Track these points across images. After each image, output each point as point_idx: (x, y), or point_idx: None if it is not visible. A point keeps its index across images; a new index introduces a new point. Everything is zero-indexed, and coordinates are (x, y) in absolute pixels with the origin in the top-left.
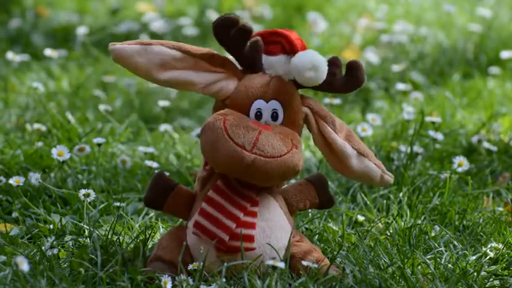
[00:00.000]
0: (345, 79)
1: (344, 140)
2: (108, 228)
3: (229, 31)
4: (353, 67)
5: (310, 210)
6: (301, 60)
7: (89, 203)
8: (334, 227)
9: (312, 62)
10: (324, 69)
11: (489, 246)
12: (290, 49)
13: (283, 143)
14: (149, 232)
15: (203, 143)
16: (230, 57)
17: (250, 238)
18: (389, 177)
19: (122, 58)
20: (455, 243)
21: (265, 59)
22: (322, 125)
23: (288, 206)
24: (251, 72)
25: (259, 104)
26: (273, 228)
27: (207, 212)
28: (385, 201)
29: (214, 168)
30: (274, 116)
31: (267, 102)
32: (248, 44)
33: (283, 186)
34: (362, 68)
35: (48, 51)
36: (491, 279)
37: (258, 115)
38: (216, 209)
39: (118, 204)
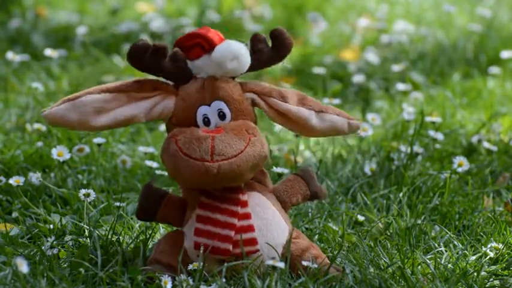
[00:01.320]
0: (273, 50)
1: (297, 105)
2: (108, 228)
3: (143, 57)
4: (276, 35)
5: (310, 210)
6: (220, 53)
7: (89, 203)
8: (334, 227)
9: (231, 53)
10: (245, 55)
11: (489, 246)
12: (209, 47)
13: (239, 137)
14: (149, 232)
15: (167, 169)
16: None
17: (254, 241)
18: (356, 122)
19: (56, 121)
20: (455, 243)
21: (192, 64)
22: (271, 101)
23: (280, 203)
24: (183, 83)
25: (203, 110)
26: (269, 226)
27: (203, 230)
28: (385, 201)
29: (188, 188)
30: (222, 115)
31: (210, 105)
32: (167, 59)
33: (274, 185)
34: (285, 33)
35: (48, 51)
36: (491, 279)
37: (206, 121)
38: (209, 224)
39: (118, 204)
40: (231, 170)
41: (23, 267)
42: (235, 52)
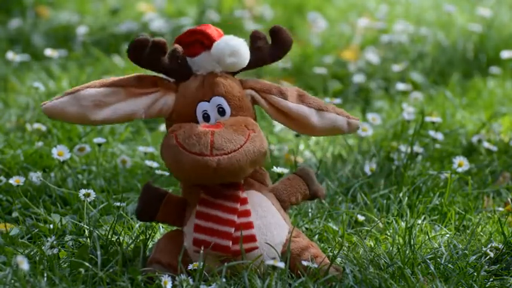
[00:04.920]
0: (273, 47)
1: (297, 102)
2: (108, 228)
3: (142, 52)
4: (276, 32)
5: (310, 210)
6: (219, 48)
7: (89, 203)
8: (334, 227)
9: (230, 48)
10: (244, 50)
11: (489, 246)
12: (209, 43)
13: (239, 133)
14: (149, 232)
15: (167, 165)
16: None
17: (252, 238)
18: (356, 120)
19: (55, 114)
20: (455, 243)
21: (191, 61)
22: (270, 98)
23: (280, 202)
24: (183, 80)
25: (202, 106)
26: (268, 225)
27: (202, 227)
28: (385, 201)
29: (187, 183)
30: (221, 111)
31: (209, 101)
32: (167, 56)
33: (273, 184)
34: (285, 30)
35: (48, 51)
36: (491, 279)
37: (206, 117)
38: (209, 221)
39: (118, 204)
40: (231, 165)
41: (24, 265)
42: (234, 47)
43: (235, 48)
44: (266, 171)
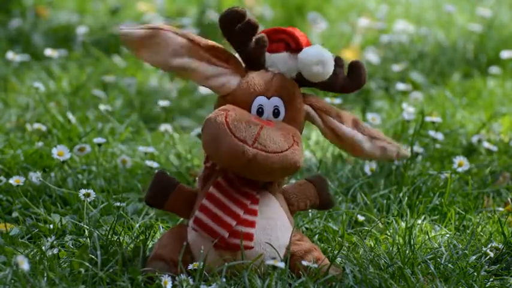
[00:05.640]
0: (347, 79)
1: (352, 128)
2: (108, 228)
3: (235, 25)
4: (355, 67)
5: (310, 210)
6: (308, 55)
7: (89, 203)
8: (334, 227)
9: (319, 57)
10: (331, 64)
11: (489, 246)
12: (295, 46)
13: (285, 139)
14: (149, 232)
15: (205, 138)
16: (235, 54)
17: (250, 236)
18: (406, 152)
19: (131, 42)
20: (455, 243)
21: (268, 56)
22: (328, 119)
23: (288, 205)
24: (254, 69)
25: (261, 100)
26: (274, 226)
27: (208, 208)
28: (385, 201)
29: (216, 163)
30: (276, 113)
31: (269, 99)
32: (254, 40)
33: (284, 186)
34: (364, 69)
35: (48, 51)
36: (491, 279)
37: (260, 111)
38: (216, 205)
39: (118, 204)
40: (265, 164)
41: (24, 265)
42: (323, 58)
43: (324, 58)
44: None
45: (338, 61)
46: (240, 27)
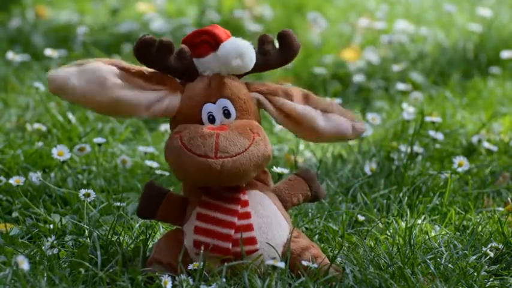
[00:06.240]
0: (280, 52)
1: (304, 104)
2: (108, 228)
3: (149, 51)
4: (284, 36)
5: (310, 210)
6: (225, 50)
7: (89, 203)
8: (334, 227)
9: (236, 50)
10: (250, 54)
11: (489, 246)
12: (214, 43)
13: (244, 136)
14: (149, 232)
15: (170, 166)
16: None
17: (253, 241)
18: (361, 125)
19: (57, 87)
20: (455, 243)
21: (198, 61)
22: (276, 100)
23: (282, 202)
24: (190, 80)
25: (208, 107)
26: (269, 224)
27: (203, 229)
28: (385, 201)
29: (191, 185)
30: (227, 113)
31: (215, 103)
32: (174, 55)
33: (275, 185)
34: (293, 35)
35: (48, 51)
36: (491, 279)
37: (211, 118)
38: (210, 223)
39: (118, 204)
40: (234, 168)
41: (24, 265)
42: (241, 50)
43: (241, 50)
44: (268, 171)
45: (265, 38)
46: (155, 49)
